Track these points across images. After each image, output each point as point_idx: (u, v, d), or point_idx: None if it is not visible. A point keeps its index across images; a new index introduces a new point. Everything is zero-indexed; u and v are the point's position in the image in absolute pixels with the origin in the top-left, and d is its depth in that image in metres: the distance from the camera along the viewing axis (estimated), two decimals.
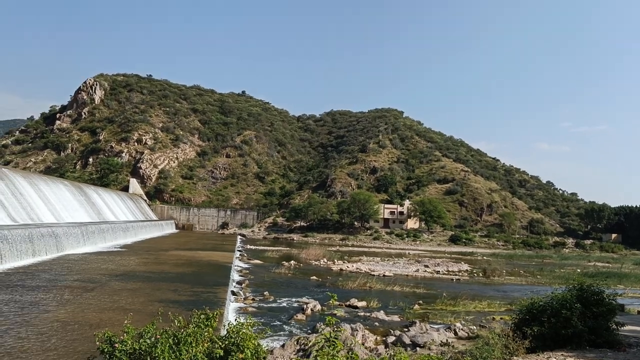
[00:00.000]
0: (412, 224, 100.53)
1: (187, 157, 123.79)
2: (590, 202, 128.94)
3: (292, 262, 42.79)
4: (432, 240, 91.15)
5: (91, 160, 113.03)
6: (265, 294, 24.77)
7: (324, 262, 45.36)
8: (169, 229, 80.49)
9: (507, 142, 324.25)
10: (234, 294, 23.16)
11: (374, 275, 36.21)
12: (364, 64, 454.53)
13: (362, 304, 23.31)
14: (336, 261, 46.20)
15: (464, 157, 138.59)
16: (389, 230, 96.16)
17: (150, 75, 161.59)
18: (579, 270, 49.31)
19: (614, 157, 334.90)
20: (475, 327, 17.62)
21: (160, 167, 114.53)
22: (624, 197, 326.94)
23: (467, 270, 45.31)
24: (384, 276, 36.35)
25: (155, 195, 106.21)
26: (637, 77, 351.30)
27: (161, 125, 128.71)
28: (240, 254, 47.25)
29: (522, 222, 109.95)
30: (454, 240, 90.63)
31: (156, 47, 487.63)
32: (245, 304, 22.07)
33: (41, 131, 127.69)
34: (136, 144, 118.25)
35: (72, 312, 13.20)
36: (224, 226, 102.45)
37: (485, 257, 65.81)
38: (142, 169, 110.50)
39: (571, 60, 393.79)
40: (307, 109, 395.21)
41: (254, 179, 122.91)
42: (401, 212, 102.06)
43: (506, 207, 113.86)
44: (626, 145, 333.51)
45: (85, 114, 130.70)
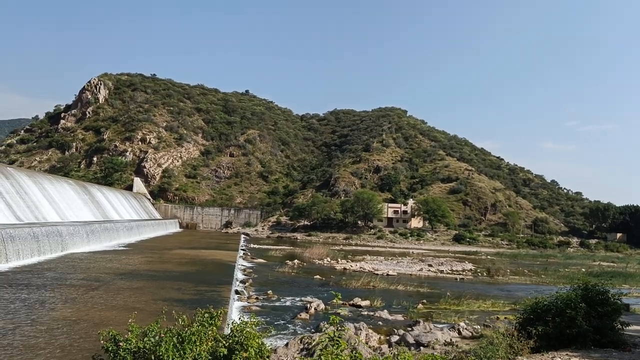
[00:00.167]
0: (415, 223, 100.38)
1: (191, 156, 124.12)
2: (595, 201, 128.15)
3: (296, 261, 42.78)
4: (435, 239, 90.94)
5: (95, 159, 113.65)
6: (268, 293, 24.78)
7: (327, 261, 45.36)
8: (172, 228, 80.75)
9: (512, 141, 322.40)
10: (237, 292, 23.16)
11: (377, 274, 36.19)
12: (365, 64, 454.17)
13: (366, 303, 23.31)
14: (340, 260, 46.22)
15: (468, 156, 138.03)
16: (392, 229, 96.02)
17: (154, 74, 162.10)
18: (583, 269, 49.10)
19: (619, 156, 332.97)
20: (479, 327, 17.55)
21: (164, 166, 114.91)
22: (629, 197, 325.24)
23: (471, 269, 45.17)
24: (388, 275, 36.34)
25: (159, 194, 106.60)
26: None
27: (165, 124, 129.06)
28: (243, 253, 47.32)
29: (526, 221, 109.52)
30: (457, 239, 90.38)
31: (160, 47, 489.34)
32: (249, 302, 22.07)
33: (46, 130, 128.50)
34: (140, 143, 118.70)
35: (78, 310, 13.30)
36: (228, 225, 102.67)
37: (489, 257, 65.66)
38: (146, 168, 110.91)
39: (577, 59, 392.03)
40: (311, 108, 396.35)
41: (257, 178, 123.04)
42: (405, 211, 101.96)
43: (510, 206, 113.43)
44: (632, 144, 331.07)
45: (89, 113, 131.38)
